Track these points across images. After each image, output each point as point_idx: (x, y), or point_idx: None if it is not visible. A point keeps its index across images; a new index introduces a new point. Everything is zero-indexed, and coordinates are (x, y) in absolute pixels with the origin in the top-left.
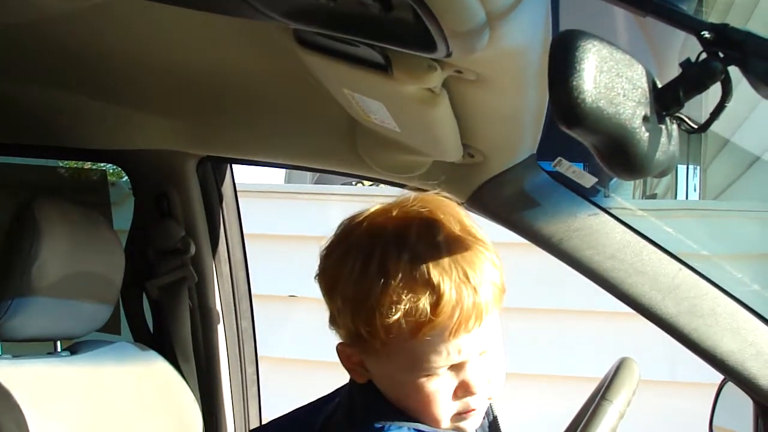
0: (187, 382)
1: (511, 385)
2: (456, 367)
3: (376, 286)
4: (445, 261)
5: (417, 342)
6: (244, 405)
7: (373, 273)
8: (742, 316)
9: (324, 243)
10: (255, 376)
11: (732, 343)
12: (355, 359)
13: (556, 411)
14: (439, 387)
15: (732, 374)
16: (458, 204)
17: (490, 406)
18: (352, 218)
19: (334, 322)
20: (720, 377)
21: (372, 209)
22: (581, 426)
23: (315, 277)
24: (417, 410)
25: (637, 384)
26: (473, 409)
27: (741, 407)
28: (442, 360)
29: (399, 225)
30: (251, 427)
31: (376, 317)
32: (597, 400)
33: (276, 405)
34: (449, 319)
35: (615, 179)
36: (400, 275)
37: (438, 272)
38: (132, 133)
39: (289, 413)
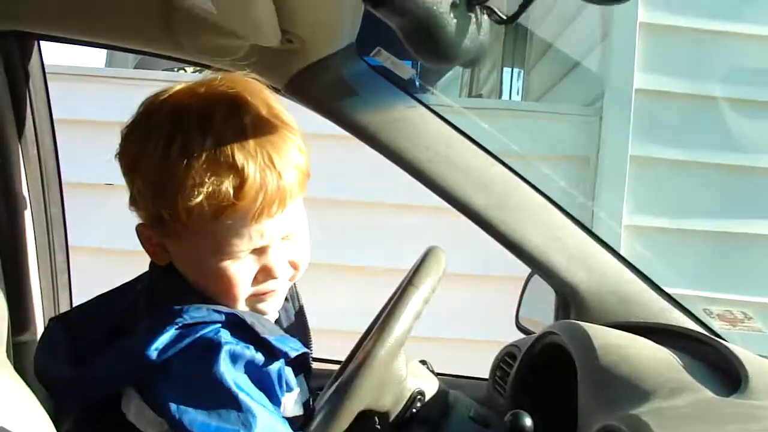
0: None
1: (329, 275)
2: (258, 251)
3: (178, 168)
4: (250, 144)
5: (219, 225)
6: (53, 294)
7: (175, 154)
8: (549, 212)
9: (126, 121)
10: (65, 265)
11: (538, 236)
12: (156, 241)
13: (369, 302)
14: (239, 270)
15: (537, 267)
16: (267, 87)
17: (297, 293)
18: (155, 96)
19: (134, 203)
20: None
21: (177, 87)
22: (387, 310)
23: (115, 157)
24: (216, 292)
25: (443, 271)
26: (273, 290)
27: (546, 298)
28: (244, 244)
29: (204, 105)
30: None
31: (178, 199)
32: (403, 285)
33: (90, 295)
34: (252, 203)
35: (443, 78)
36: (203, 157)
37: (242, 155)
38: None
39: (92, 299)
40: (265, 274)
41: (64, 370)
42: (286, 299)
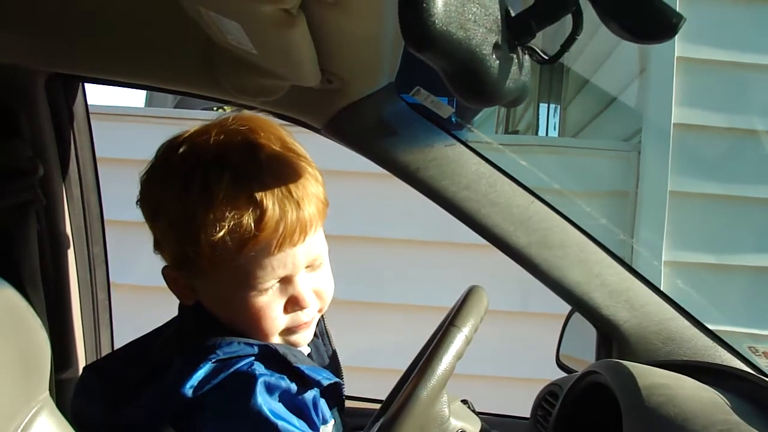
0: (34, 308)
1: (368, 313)
2: (284, 282)
3: (199, 207)
4: (267, 177)
5: (243, 258)
6: (95, 332)
7: (195, 192)
8: (590, 249)
9: (144, 168)
10: (107, 303)
11: (579, 274)
12: (182, 282)
13: (409, 340)
14: (268, 302)
15: (578, 304)
16: (279, 123)
17: (326, 329)
18: (171, 141)
19: (158, 246)
20: (569, 309)
21: (191, 131)
22: (429, 351)
23: (136, 203)
24: (247, 326)
25: (485, 311)
26: (304, 323)
27: (586, 336)
28: (268, 275)
29: (219, 144)
30: (103, 354)
31: (201, 236)
32: (445, 326)
33: (131, 333)
34: (274, 234)
35: (479, 114)
36: (222, 194)
37: (260, 188)
38: None
39: (128, 343)
40: (293, 304)
41: (100, 414)
42: (316, 335)
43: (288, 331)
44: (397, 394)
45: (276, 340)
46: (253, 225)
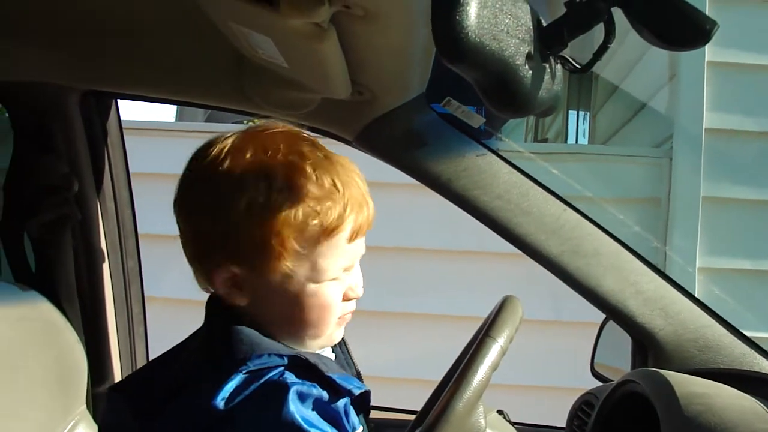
0: (70, 323)
1: (401, 324)
2: (347, 271)
3: (283, 201)
4: (342, 174)
5: (324, 248)
6: (130, 345)
7: (279, 189)
8: (623, 257)
9: (186, 178)
10: (142, 316)
11: (613, 282)
12: (235, 280)
13: (440, 350)
14: (335, 291)
15: (612, 312)
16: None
17: (343, 339)
18: (212, 144)
19: (218, 242)
20: (602, 317)
21: (236, 135)
22: (464, 362)
23: (173, 203)
24: (307, 321)
25: (520, 321)
26: (349, 313)
27: (621, 344)
28: (341, 265)
29: (285, 143)
30: (138, 367)
31: (285, 229)
32: (480, 336)
33: (166, 346)
34: (354, 223)
35: (508, 123)
36: (308, 186)
37: (340, 181)
38: (9, 64)
39: (147, 364)
40: (348, 293)
41: (131, 430)
42: (337, 345)
43: (338, 324)
44: (432, 405)
45: (330, 331)
46: (337, 215)
